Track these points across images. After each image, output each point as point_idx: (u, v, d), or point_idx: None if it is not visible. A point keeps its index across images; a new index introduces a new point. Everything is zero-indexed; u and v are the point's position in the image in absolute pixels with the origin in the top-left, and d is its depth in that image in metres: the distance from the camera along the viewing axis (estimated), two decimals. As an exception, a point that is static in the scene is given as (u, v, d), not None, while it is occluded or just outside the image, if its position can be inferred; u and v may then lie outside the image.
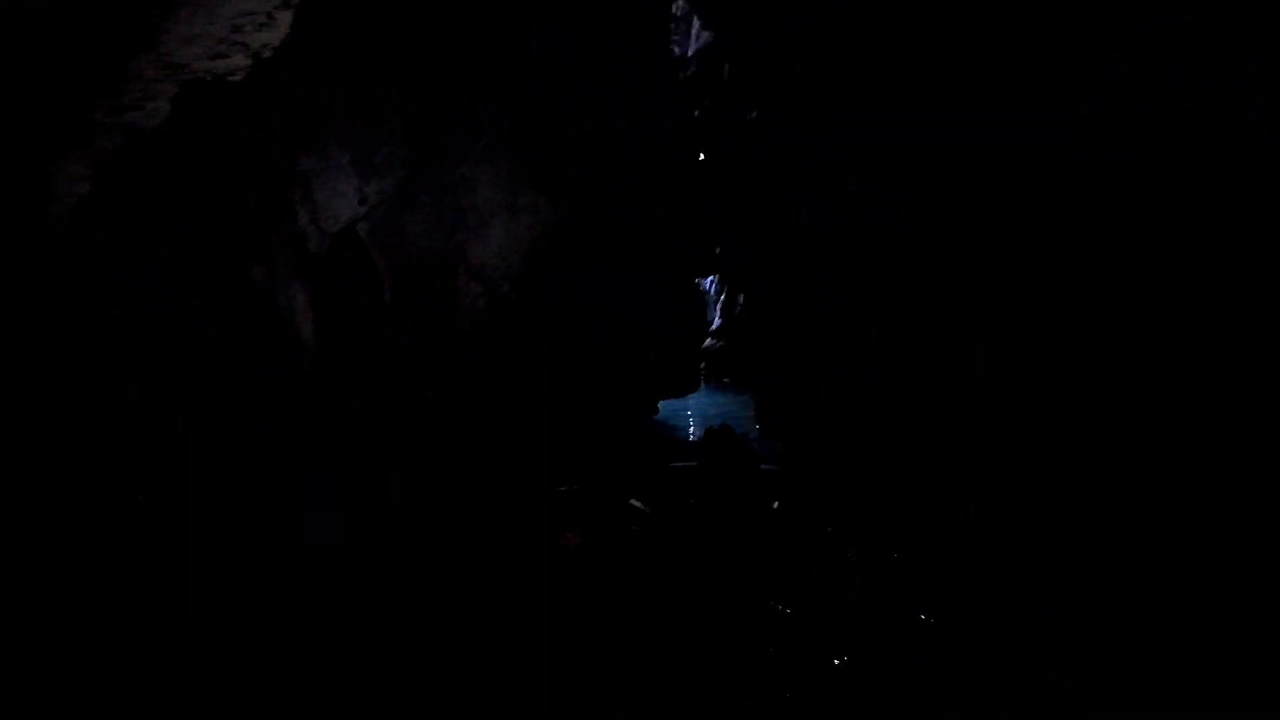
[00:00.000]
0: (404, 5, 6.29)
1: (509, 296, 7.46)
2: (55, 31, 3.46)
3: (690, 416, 10.98)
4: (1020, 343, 5.24)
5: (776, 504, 6.02)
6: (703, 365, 13.51)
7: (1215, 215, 4.32)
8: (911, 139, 5.81)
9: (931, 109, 5.61)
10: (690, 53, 11.63)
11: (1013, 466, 4.97)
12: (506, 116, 7.27)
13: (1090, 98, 4.71)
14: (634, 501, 5.90)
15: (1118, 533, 4.33)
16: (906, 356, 6.06)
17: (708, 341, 14.67)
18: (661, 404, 10.10)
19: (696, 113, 10.25)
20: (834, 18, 6.46)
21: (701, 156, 9.86)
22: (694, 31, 11.86)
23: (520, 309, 7.57)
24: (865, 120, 6.22)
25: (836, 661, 4.01)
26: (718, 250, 10.46)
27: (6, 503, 3.90)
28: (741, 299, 13.34)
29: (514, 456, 6.22)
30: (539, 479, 5.94)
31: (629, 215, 8.60)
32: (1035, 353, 5.14)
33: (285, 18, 3.88)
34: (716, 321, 15.51)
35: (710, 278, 15.66)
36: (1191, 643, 3.70)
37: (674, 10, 11.64)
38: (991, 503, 4.96)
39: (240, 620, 3.92)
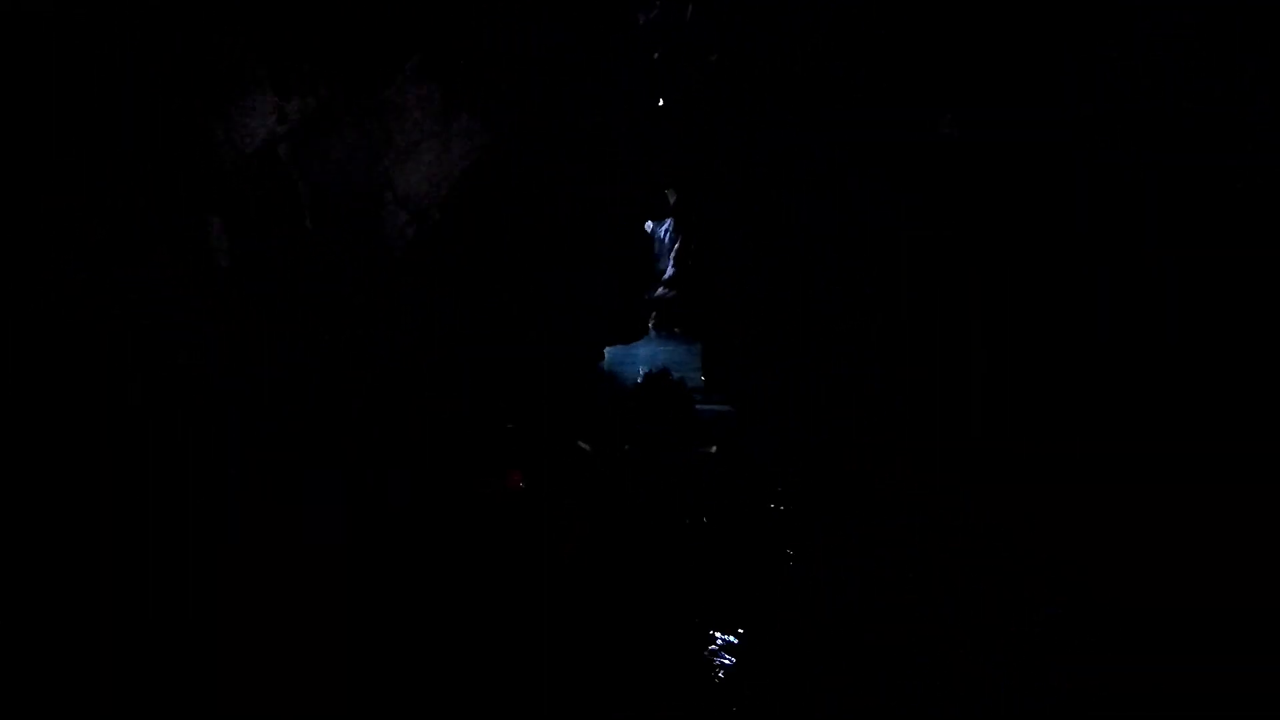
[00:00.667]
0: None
1: (440, 226, 6.84)
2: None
3: (638, 365, 11.04)
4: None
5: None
6: (653, 314, 13.32)
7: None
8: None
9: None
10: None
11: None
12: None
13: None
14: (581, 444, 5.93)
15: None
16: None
17: (659, 290, 14.28)
18: (608, 351, 10.07)
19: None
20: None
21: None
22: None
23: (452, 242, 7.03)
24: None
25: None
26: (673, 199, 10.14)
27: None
28: (695, 247, 12.63)
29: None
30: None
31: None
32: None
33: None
34: (670, 270, 14.93)
35: (665, 223, 14.95)
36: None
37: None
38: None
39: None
